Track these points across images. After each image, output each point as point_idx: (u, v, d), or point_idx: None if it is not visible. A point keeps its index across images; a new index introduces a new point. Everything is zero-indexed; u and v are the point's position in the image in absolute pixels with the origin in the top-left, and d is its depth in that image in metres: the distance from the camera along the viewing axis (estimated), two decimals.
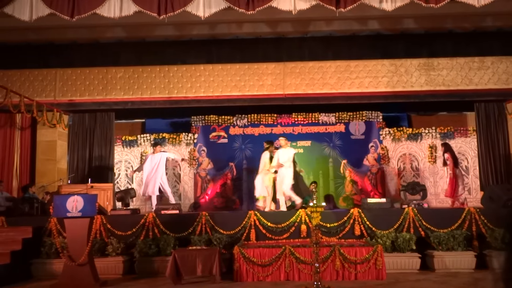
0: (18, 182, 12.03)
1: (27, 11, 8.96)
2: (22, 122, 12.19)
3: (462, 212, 9.06)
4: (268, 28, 11.74)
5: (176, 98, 11.79)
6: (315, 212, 6.67)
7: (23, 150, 12.19)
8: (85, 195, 7.92)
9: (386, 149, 13.02)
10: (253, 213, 9.28)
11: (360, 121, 13.25)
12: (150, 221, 9.22)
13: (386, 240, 8.55)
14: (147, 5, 8.92)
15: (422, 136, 13.10)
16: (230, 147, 13.32)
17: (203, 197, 12.84)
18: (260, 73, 11.72)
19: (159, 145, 11.53)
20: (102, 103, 11.96)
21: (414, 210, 9.15)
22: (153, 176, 11.11)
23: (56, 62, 12.17)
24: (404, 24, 11.63)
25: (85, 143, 12.34)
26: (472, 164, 12.84)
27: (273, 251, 7.96)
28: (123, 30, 11.77)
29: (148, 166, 11.22)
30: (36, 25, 9.41)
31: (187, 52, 12.32)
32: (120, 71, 11.86)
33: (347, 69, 11.66)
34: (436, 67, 11.57)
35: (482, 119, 12.02)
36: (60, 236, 8.72)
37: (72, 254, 7.54)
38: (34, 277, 8.74)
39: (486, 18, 11.25)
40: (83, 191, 9.71)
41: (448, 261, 8.42)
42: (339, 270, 7.80)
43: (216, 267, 7.67)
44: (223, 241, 8.81)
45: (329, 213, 9.30)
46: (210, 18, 9.13)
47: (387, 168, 12.94)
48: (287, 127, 13.29)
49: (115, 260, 8.70)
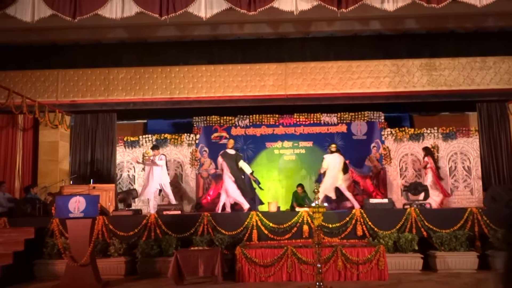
0: (20, 183, 12.04)
1: (29, 12, 8.97)
2: (24, 123, 12.21)
3: (464, 213, 9.05)
4: (269, 28, 11.74)
5: (177, 99, 11.80)
6: (317, 213, 6.66)
7: (25, 151, 12.20)
8: (87, 195, 7.92)
9: (388, 149, 13.00)
10: (255, 213, 9.29)
11: (362, 121, 13.23)
12: (152, 221, 9.23)
13: (388, 241, 8.55)
14: (148, 6, 8.92)
15: (424, 137, 13.06)
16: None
17: (205, 198, 12.84)
18: (261, 73, 11.73)
19: (158, 149, 11.46)
20: (104, 104, 11.98)
21: (416, 210, 9.14)
22: (150, 179, 11.08)
23: (58, 63, 12.21)
24: (405, 24, 11.62)
25: (87, 144, 12.37)
26: (474, 165, 12.81)
27: (275, 251, 7.96)
28: (125, 31, 11.78)
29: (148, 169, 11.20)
30: (38, 26, 9.41)
31: (188, 52, 12.34)
32: (122, 72, 11.88)
33: (349, 69, 11.65)
34: (438, 67, 11.56)
35: (484, 119, 12.00)
36: (62, 237, 8.73)
37: (74, 254, 7.55)
38: (36, 278, 8.76)
39: (488, 18, 11.23)
40: (85, 191, 9.71)
41: (451, 261, 8.41)
42: (341, 271, 7.80)
43: (218, 267, 7.67)
44: (225, 241, 8.81)
45: (331, 214, 9.30)
46: (212, 19, 9.13)
47: (389, 168, 12.92)
48: (289, 128, 13.29)
49: (117, 260, 8.71)
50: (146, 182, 11.14)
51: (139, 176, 13.15)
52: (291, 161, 13.09)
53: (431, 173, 11.53)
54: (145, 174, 11.32)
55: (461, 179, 12.86)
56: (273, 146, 13.18)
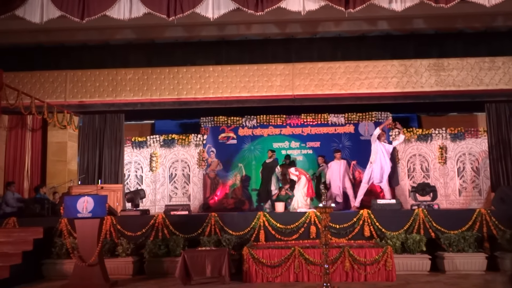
0: (29, 183, 12.13)
1: (38, 13, 9.05)
2: (33, 123, 12.29)
3: (473, 214, 9.00)
4: (277, 29, 11.76)
5: (185, 99, 11.82)
6: (324, 213, 6.65)
7: (34, 151, 12.29)
8: (95, 196, 7.96)
9: (395, 150, 12.93)
10: (262, 214, 9.29)
11: (369, 122, 13.18)
12: (160, 222, 9.26)
13: (396, 242, 8.51)
14: (156, 7, 8.97)
15: (432, 137, 12.99)
16: (239, 148, 13.33)
17: (212, 198, 12.86)
18: (269, 74, 11.72)
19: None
20: (112, 105, 12.03)
21: (424, 211, 9.10)
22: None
23: (66, 63, 12.29)
24: (413, 24, 11.59)
25: (95, 144, 12.42)
26: (483, 165, 12.72)
27: (283, 252, 7.95)
28: (132, 32, 11.86)
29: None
30: (47, 27, 9.52)
31: (196, 53, 12.39)
32: (129, 72, 11.92)
33: (356, 69, 11.62)
34: (446, 67, 11.49)
35: (493, 119, 11.91)
36: (71, 237, 8.79)
37: (82, 254, 7.59)
38: (45, 277, 8.82)
39: (497, 18, 11.18)
40: (93, 192, 9.75)
41: (459, 262, 8.36)
42: (349, 272, 7.78)
43: (225, 268, 7.68)
44: (232, 242, 8.82)
45: (338, 214, 9.28)
46: (219, 19, 9.16)
47: (397, 169, 12.85)
48: (296, 128, 13.28)
49: (125, 260, 8.74)
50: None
51: (147, 177, 13.20)
52: (299, 162, 13.06)
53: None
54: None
55: (470, 179, 12.78)
56: (280, 147, 13.17)
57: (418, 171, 12.96)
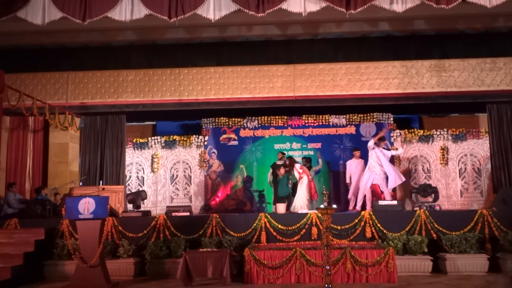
0: (31, 184, 12.17)
1: (40, 15, 9.05)
2: (35, 124, 12.31)
3: (474, 215, 8.99)
4: (278, 30, 11.77)
5: (186, 101, 11.83)
6: (326, 214, 6.65)
7: (36, 153, 12.31)
8: (97, 197, 7.97)
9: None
10: (264, 215, 9.29)
11: (371, 123, 13.18)
12: (161, 223, 9.27)
13: (397, 243, 8.50)
14: (158, 8, 8.97)
15: (433, 138, 12.98)
16: (240, 149, 13.33)
17: (214, 199, 12.87)
18: (270, 75, 11.73)
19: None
20: (113, 106, 12.05)
21: (426, 212, 9.09)
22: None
23: (68, 65, 12.31)
24: (415, 25, 11.59)
25: (96, 146, 12.43)
26: (484, 166, 12.71)
27: (284, 253, 7.95)
28: (134, 33, 11.88)
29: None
30: (48, 28, 9.53)
31: (197, 54, 12.39)
32: (131, 74, 11.94)
33: (357, 70, 11.62)
34: (448, 68, 11.49)
35: (494, 120, 11.90)
36: (72, 238, 8.79)
37: (84, 255, 7.60)
38: (46, 279, 8.83)
39: (498, 19, 11.17)
40: (95, 193, 9.76)
41: (461, 264, 8.36)
42: (350, 273, 7.78)
43: (226, 269, 7.67)
44: (233, 243, 8.82)
45: (340, 215, 9.28)
46: (220, 21, 9.15)
47: (399, 170, 12.83)
48: (298, 129, 13.27)
49: (126, 262, 8.75)
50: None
51: (148, 178, 13.21)
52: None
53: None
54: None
55: (471, 180, 12.77)
56: (281, 148, 13.16)
57: (419, 172, 12.95)
